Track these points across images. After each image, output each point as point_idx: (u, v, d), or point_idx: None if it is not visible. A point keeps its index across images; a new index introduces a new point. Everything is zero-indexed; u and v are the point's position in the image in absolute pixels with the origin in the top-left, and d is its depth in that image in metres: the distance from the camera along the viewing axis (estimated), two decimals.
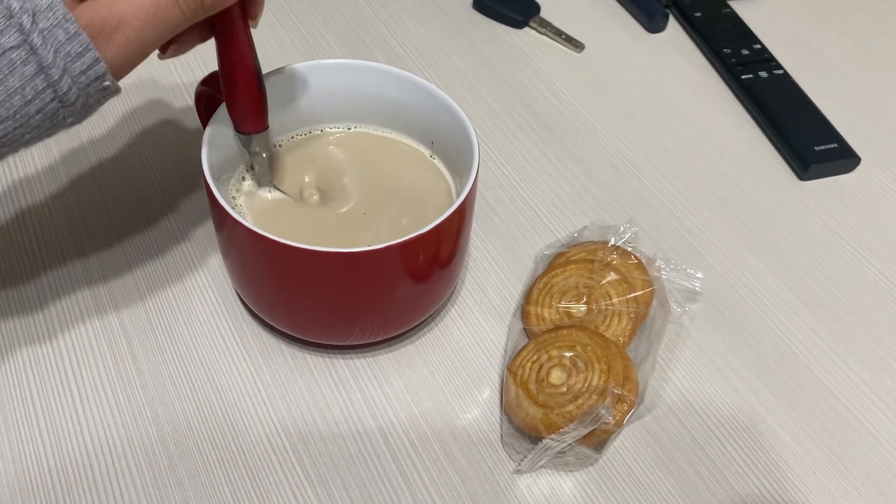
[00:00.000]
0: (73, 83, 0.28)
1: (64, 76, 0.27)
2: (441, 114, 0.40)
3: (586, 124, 0.55)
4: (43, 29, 0.26)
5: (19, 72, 0.27)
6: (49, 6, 0.26)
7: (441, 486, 0.37)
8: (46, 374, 0.39)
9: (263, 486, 0.36)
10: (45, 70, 0.27)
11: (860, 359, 0.43)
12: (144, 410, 0.38)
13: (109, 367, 0.40)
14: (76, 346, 0.41)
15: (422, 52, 0.59)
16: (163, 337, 0.41)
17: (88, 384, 0.39)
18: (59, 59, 0.27)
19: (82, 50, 0.27)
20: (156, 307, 0.42)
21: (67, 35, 0.27)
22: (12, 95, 0.27)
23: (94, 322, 0.42)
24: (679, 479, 0.38)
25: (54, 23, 0.27)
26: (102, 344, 0.41)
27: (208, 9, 0.30)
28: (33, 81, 0.27)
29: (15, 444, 0.37)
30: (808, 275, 0.47)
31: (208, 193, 0.36)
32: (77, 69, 0.28)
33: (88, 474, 0.36)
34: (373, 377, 0.40)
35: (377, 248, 0.34)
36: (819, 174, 0.52)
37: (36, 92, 0.27)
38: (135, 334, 0.41)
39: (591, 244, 0.43)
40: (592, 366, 0.37)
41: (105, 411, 0.38)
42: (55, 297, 0.42)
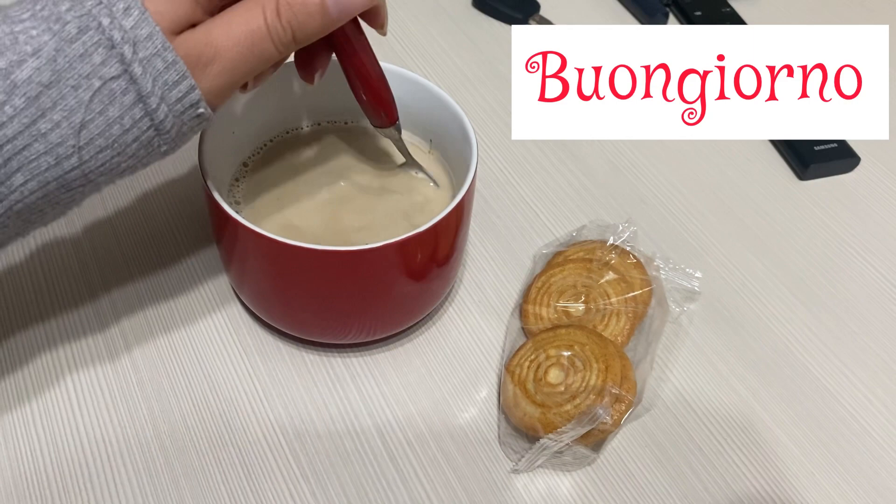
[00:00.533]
0: (169, 111, 0.28)
1: (161, 104, 0.28)
2: (439, 111, 0.40)
3: None
4: (143, 58, 0.27)
5: (119, 101, 0.27)
6: (148, 36, 0.27)
7: (438, 485, 0.37)
8: (42, 371, 0.39)
9: (260, 485, 0.36)
10: (143, 99, 0.28)
11: (858, 359, 0.43)
12: (140, 408, 0.38)
13: (105, 364, 0.40)
14: (72, 342, 0.40)
15: (420, 50, 0.58)
16: (159, 334, 0.41)
17: (84, 381, 0.39)
18: (157, 88, 0.28)
19: (179, 78, 0.28)
20: (152, 304, 0.42)
21: (165, 64, 0.28)
22: (112, 125, 0.28)
23: (90, 319, 0.41)
24: (676, 479, 0.38)
25: (153, 52, 0.27)
26: (98, 341, 0.41)
27: (300, 42, 0.31)
28: (132, 111, 0.28)
29: (10, 441, 0.37)
30: (807, 275, 0.47)
31: (205, 191, 0.36)
32: (174, 97, 0.28)
33: (84, 472, 0.36)
34: (370, 376, 0.40)
35: (374, 247, 0.34)
36: (819, 174, 0.52)
37: (134, 121, 0.28)
38: (131, 331, 0.41)
39: (590, 243, 0.43)
40: (590, 365, 0.37)
41: (101, 409, 0.38)
42: (51, 294, 0.42)
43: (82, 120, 0.27)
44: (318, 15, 0.30)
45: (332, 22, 0.31)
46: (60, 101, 0.27)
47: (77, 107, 0.27)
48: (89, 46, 0.27)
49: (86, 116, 0.27)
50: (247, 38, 0.29)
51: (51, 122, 0.27)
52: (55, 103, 0.27)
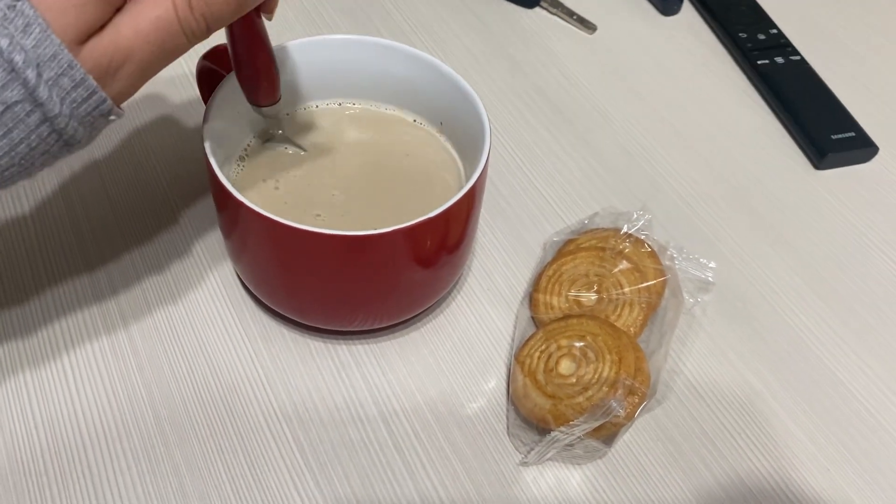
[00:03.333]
0: (79, 124, 0.27)
1: (70, 122, 0.27)
2: (451, 94, 0.39)
3: (598, 108, 0.53)
4: (48, 79, 0.26)
5: (24, 123, 0.26)
6: (53, 56, 0.26)
7: (445, 477, 0.36)
8: (40, 356, 0.38)
9: (262, 473, 0.35)
10: (50, 120, 0.27)
11: (875, 353, 0.42)
12: (141, 394, 0.37)
13: (105, 348, 0.39)
14: (71, 326, 0.40)
15: (430, 31, 0.57)
16: (160, 318, 0.40)
17: (83, 366, 0.38)
18: (65, 107, 0.27)
19: (88, 94, 0.27)
20: (153, 288, 0.41)
21: (73, 83, 0.26)
22: (17, 145, 0.27)
23: (90, 303, 0.40)
24: (689, 474, 0.37)
25: (59, 72, 0.26)
26: (98, 325, 0.40)
27: (213, 30, 0.29)
28: (38, 129, 0.27)
29: (7, 427, 0.36)
30: (824, 266, 0.46)
31: (209, 173, 0.35)
32: (83, 112, 0.27)
33: (83, 458, 0.35)
34: (376, 364, 0.39)
35: (383, 232, 0.33)
36: (835, 163, 0.51)
37: (41, 138, 0.27)
38: (131, 315, 0.40)
39: (603, 231, 0.42)
40: (603, 356, 0.36)
41: (100, 394, 0.37)
42: (50, 278, 0.41)
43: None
44: (234, 3, 0.29)
45: (246, 6, 0.29)
46: None
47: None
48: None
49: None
50: (157, 35, 0.28)
51: None
52: None
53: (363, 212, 0.38)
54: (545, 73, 0.55)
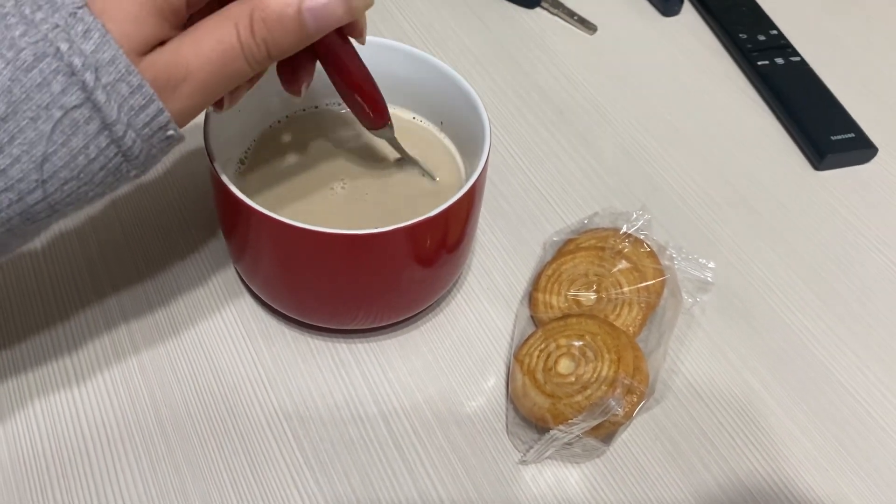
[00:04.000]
0: (136, 136, 0.27)
1: (128, 131, 0.26)
2: (452, 93, 0.39)
3: (598, 108, 0.53)
4: (106, 84, 0.25)
5: (83, 131, 0.26)
6: (111, 60, 0.25)
7: (444, 475, 0.36)
8: (42, 356, 0.39)
9: (262, 472, 0.36)
10: (108, 127, 0.26)
11: (874, 353, 0.42)
12: (142, 392, 0.38)
13: (107, 347, 0.39)
14: (73, 326, 0.40)
15: (430, 30, 0.57)
16: (161, 318, 0.40)
17: (85, 365, 0.38)
18: (122, 115, 0.26)
19: (146, 102, 0.26)
20: (154, 287, 0.41)
21: (131, 88, 0.26)
22: (76, 156, 0.26)
23: (92, 303, 0.41)
24: (687, 473, 0.37)
25: (117, 77, 0.26)
26: (100, 324, 0.40)
27: (275, 59, 0.29)
28: (97, 139, 0.26)
29: (9, 427, 0.36)
30: (822, 267, 0.46)
31: (211, 172, 0.35)
32: (141, 122, 0.27)
33: (84, 458, 0.35)
34: (376, 362, 0.40)
35: (383, 231, 0.33)
36: (835, 164, 0.51)
37: (100, 150, 0.26)
38: (133, 314, 0.40)
39: (602, 231, 0.42)
40: (602, 356, 0.36)
41: (102, 393, 0.37)
42: (52, 277, 0.41)
43: (44, 152, 0.25)
44: (294, 31, 0.28)
45: (309, 37, 0.29)
46: (19, 135, 0.25)
47: (38, 139, 0.25)
48: (47, 74, 0.25)
49: (48, 149, 0.25)
50: (218, 56, 0.28)
51: (10, 157, 0.25)
52: (13, 137, 0.25)
53: (363, 211, 0.38)
54: (546, 73, 0.55)
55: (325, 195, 0.39)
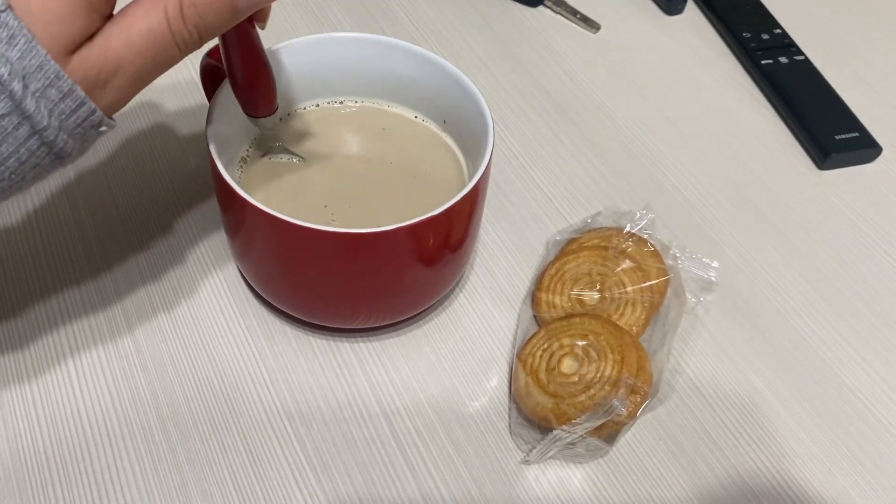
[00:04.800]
0: (68, 137, 0.27)
1: (59, 134, 0.27)
2: (454, 92, 0.39)
3: (601, 107, 0.53)
4: (35, 91, 0.25)
5: (12, 136, 0.26)
6: (39, 66, 0.25)
7: (447, 475, 0.36)
8: (44, 353, 0.39)
9: (264, 471, 0.35)
10: (39, 132, 0.26)
11: (878, 354, 0.42)
12: (144, 391, 0.38)
13: (108, 346, 0.39)
14: (75, 325, 0.40)
15: (433, 29, 0.57)
16: (163, 316, 0.40)
17: (86, 364, 0.38)
18: (53, 119, 0.26)
19: (77, 105, 0.26)
20: (156, 285, 0.41)
21: (61, 94, 0.26)
22: (6, 159, 0.26)
23: (93, 301, 0.40)
24: (691, 473, 0.37)
25: (46, 83, 0.25)
26: (102, 323, 0.40)
27: (206, 40, 0.29)
28: (27, 143, 0.26)
29: (10, 425, 0.36)
30: (827, 266, 0.46)
31: (213, 170, 0.35)
32: (73, 123, 0.27)
33: (85, 456, 0.35)
34: (378, 362, 0.39)
35: (385, 230, 0.33)
36: (839, 164, 0.51)
37: (31, 152, 0.26)
38: (134, 313, 0.40)
39: (606, 230, 0.42)
40: (605, 355, 0.36)
41: (103, 392, 0.37)
42: (54, 278, 0.41)
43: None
44: (226, 12, 0.28)
45: (240, 17, 0.29)
46: None
47: None
48: None
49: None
50: (149, 46, 0.27)
51: None
52: None
53: (366, 209, 0.38)
54: (548, 71, 0.55)
55: (327, 193, 0.39)
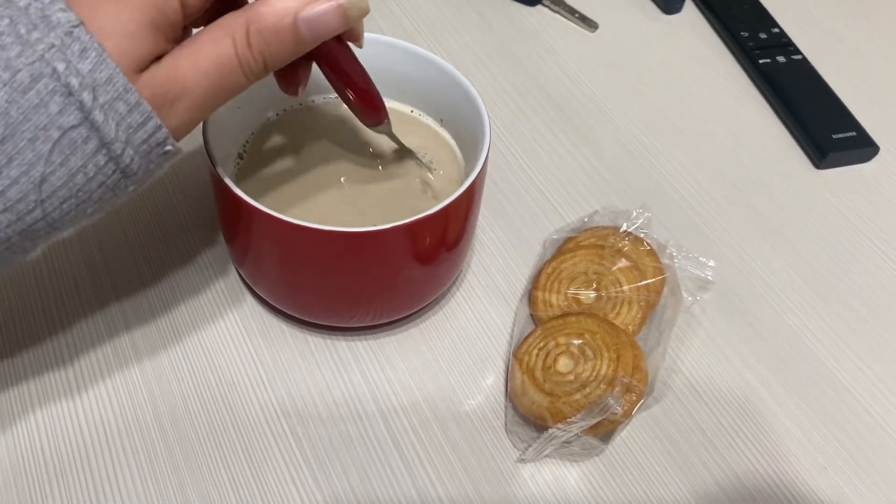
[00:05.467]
0: (135, 153, 0.27)
1: (126, 149, 0.27)
2: (452, 91, 0.39)
3: (599, 106, 0.53)
4: (104, 104, 0.25)
5: (81, 150, 0.26)
6: (108, 79, 0.25)
7: (443, 473, 0.36)
8: (41, 354, 0.39)
9: (261, 470, 0.35)
10: (107, 146, 0.26)
11: (874, 353, 0.42)
12: (140, 390, 0.38)
13: (105, 344, 0.39)
14: (72, 324, 0.40)
15: (431, 28, 0.57)
16: (160, 315, 0.40)
17: (83, 364, 0.38)
18: (120, 132, 0.26)
19: (144, 120, 0.26)
20: (153, 285, 0.41)
21: (129, 107, 0.26)
22: (75, 175, 0.26)
23: (90, 301, 0.41)
24: (686, 472, 0.37)
25: (115, 96, 0.26)
26: (98, 322, 0.40)
27: (272, 69, 0.29)
28: (95, 158, 0.26)
29: (7, 425, 0.36)
30: (823, 265, 0.46)
31: (210, 169, 0.35)
32: (139, 139, 0.27)
33: (83, 455, 0.35)
34: (375, 360, 0.39)
35: (382, 229, 0.33)
36: (836, 163, 0.51)
37: (98, 168, 0.26)
38: (131, 312, 0.40)
39: (602, 229, 0.42)
40: (601, 354, 0.36)
41: (101, 391, 0.37)
42: (51, 275, 0.41)
43: (43, 173, 0.26)
44: (290, 42, 0.28)
45: (306, 47, 0.29)
46: (17, 157, 0.25)
47: (36, 160, 0.25)
48: (44, 95, 0.25)
49: (46, 169, 0.26)
50: (215, 71, 0.28)
51: (8, 178, 0.25)
52: (11, 159, 0.25)
53: (362, 207, 0.38)
54: (546, 70, 0.55)
55: (323, 192, 0.39)
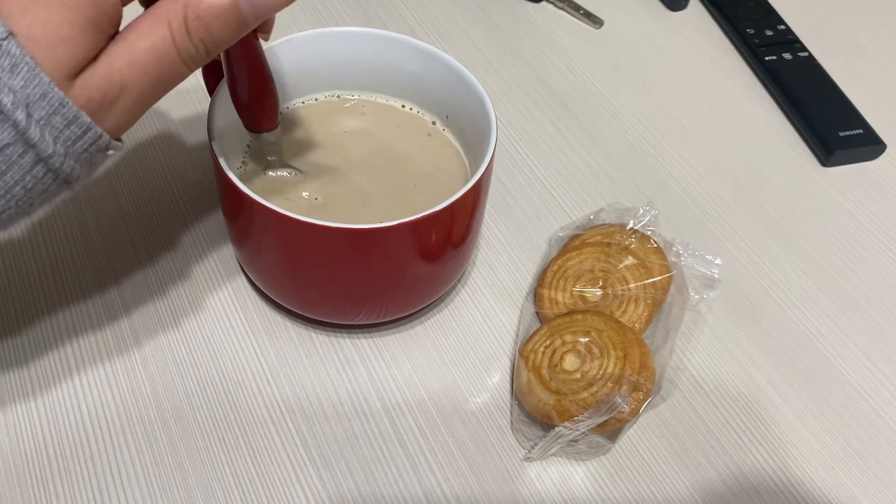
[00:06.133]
0: (75, 162, 0.27)
1: (65, 160, 0.26)
2: (457, 87, 0.39)
3: (604, 103, 0.53)
4: (39, 119, 0.25)
5: (17, 164, 0.25)
6: (42, 94, 0.25)
7: (448, 471, 0.36)
8: (43, 348, 0.38)
9: (265, 467, 0.35)
10: (45, 160, 0.26)
11: (881, 351, 0.42)
12: (144, 386, 0.37)
13: (108, 340, 0.39)
14: (75, 319, 0.39)
15: (435, 24, 0.57)
16: (164, 311, 0.40)
17: (87, 358, 0.38)
18: (59, 146, 0.26)
19: (83, 131, 0.26)
20: (158, 280, 0.41)
21: (66, 120, 0.25)
22: (12, 187, 0.26)
23: (93, 295, 0.40)
24: (693, 470, 0.37)
25: (50, 111, 0.25)
26: (102, 318, 0.40)
27: (213, 54, 0.28)
28: (33, 170, 0.26)
29: (10, 420, 0.36)
30: (830, 263, 0.45)
31: (215, 165, 0.35)
32: (79, 149, 0.26)
33: (85, 451, 0.35)
34: (380, 358, 0.39)
35: (387, 226, 0.33)
36: (843, 160, 0.51)
37: (37, 179, 0.26)
38: (135, 308, 0.40)
39: (609, 227, 0.42)
40: (608, 352, 0.36)
41: (103, 386, 0.37)
42: (53, 268, 0.41)
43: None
44: (232, 24, 0.27)
45: (247, 28, 0.28)
46: None
47: None
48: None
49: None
50: (154, 64, 0.26)
51: None
52: None
53: (367, 205, 0.38)
54: (551, 67, 0.55)
55: (328, 189, 0.38)
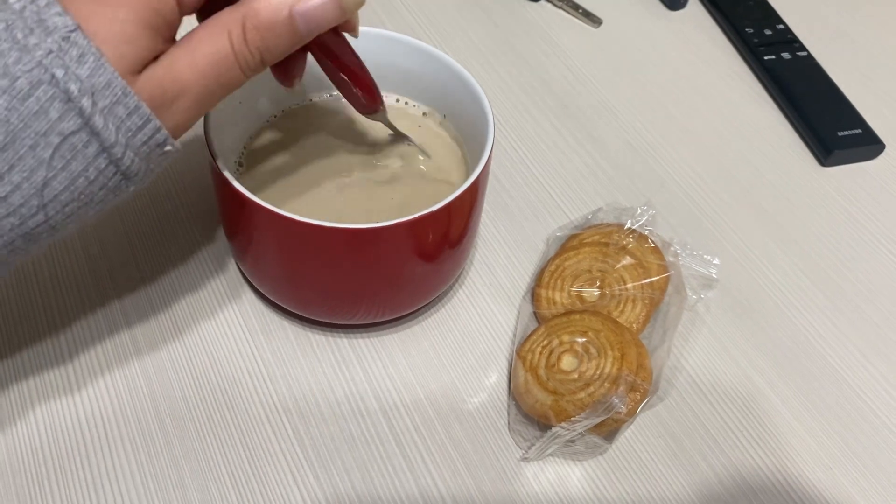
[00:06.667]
0: (135, 155, 0.27)
1: (126, 151, 0.27)
2: (455, 86, 0.39)
3: (603, 102, 0.53)
4: (103, 108, 0.26)
5: (82, 154, 0.26)
6: (107, 84, 0.25)
7: (445, 471, 0.36)
8: (40, 347, 0.38)
9: (262, 467, 0.35)
10: (107, 149, 0.26)
11: (879, 351, 0.42)
12: (140, 385, 0.37)
13: (105, 339, 0.39)
14: (71, 318, 0.39)
15: (434, 23, 0.57)
16: (160, 311, 0.40)
17: (83, 358, 0.38)
18: (120, 136, 0.26)
19: (143, 122, 0.27)
20: (154, 280, 0.41)
21: (128, 110, 0.26)
22: (76, 179, 0.26)
23: (90, 295, 0.40)
24: (690, 471, 0.37)
25: (114, 100, 0.26)
26: (99, 317, 0.40)
27: (269, 64, 0.29)
28: (96, 161, 0.26)
29: (5, 418, 0.36)
30: (828, 263, 0.45)
31: (212, 167, 0.35)
32: (139, 141, 0.27)
33: (81, 450, 0.35)
34: (377, 357, 0.39)
35: (384, 225, 0.33)
36: (841, 160, 0.51)
37: (99, 171, 0.27)
38: (132, 307, 0.40)
39: (606, 226, 0.42)
40: (605, 352, 0.36)
41: (100, 386, 0.37)
42: (50, 268, 0.41)
43: (44, 178, 0.26)
44: (286, 35, 0.28)
45: (302, 40, 0.29)
46: (19, 163, 0.25)
47: (37, 166, 0.25)
48: (44, 102, 0.25)
49: (48, 174, 0.26)
50: (213, 68, 0.28)
51: (10, 184, 0.25)
52: (13, 165, 0.25)
53: (365, 204, 0.38)
54: (550, 66, 0.55)
55: (324, 189, 0.38)
